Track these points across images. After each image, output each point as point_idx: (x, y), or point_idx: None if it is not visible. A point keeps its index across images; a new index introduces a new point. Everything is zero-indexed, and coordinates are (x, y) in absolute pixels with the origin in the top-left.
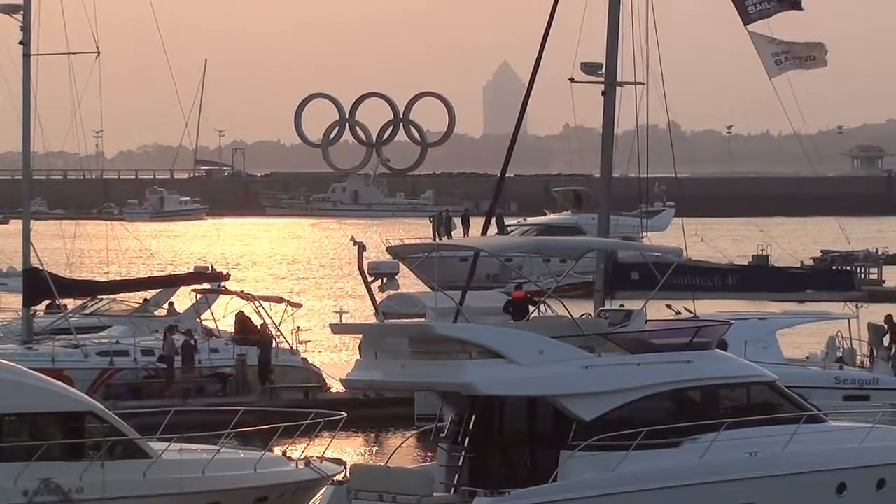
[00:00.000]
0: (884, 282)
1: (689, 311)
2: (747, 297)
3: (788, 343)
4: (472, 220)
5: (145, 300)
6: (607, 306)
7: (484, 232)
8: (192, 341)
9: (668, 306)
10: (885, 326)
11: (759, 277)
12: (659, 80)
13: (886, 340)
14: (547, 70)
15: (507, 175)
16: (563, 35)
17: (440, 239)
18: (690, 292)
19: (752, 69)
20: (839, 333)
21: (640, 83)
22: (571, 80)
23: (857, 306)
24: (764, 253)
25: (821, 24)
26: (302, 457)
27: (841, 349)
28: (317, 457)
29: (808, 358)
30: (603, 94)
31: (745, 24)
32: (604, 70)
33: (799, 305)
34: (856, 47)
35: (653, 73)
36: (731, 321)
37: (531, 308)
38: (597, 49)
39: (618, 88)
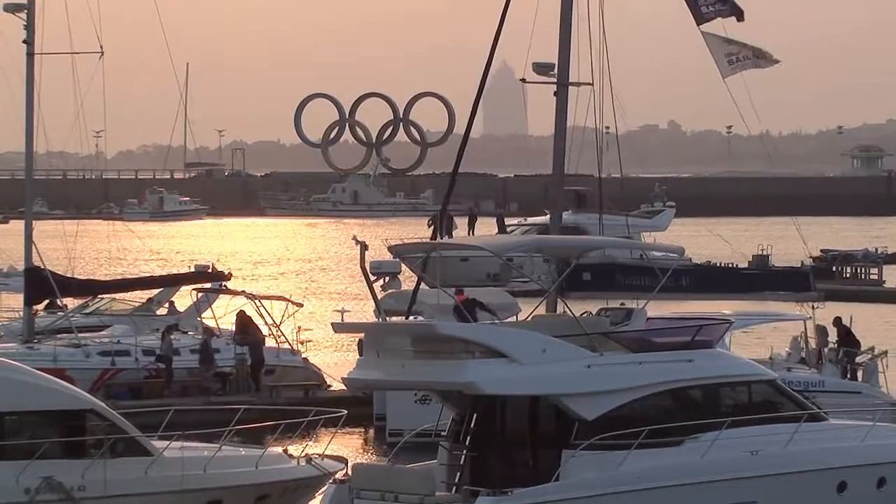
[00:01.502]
0: (884, 282)
1: None
2: (700, 299)
3: (761, 344)
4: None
5: (150, 299)
6: (560, 307)
7: (434, 236)
8: (215, 337)
9: (623, 303)
10: (833, 328)
11: (712, 278)
12: (655, 82)
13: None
14: None
15: (506, 175)
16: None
17: (441, 238)
18: (641, 293)
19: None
20: (802, 334)
21: (588, 84)
22: (523, 80)
23: (813, 307)
24: (764, 253)
25: (821, 24)
26: (303, 454)
27: (804, 350)
28: (318, 454)
29: (770, 359)
30: (555, 94)
31: (698, 25)
32: (556, 70)
33: (754, 306)
34: (856, 47)
35: (635, 74)
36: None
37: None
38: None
39: (591, 88)
